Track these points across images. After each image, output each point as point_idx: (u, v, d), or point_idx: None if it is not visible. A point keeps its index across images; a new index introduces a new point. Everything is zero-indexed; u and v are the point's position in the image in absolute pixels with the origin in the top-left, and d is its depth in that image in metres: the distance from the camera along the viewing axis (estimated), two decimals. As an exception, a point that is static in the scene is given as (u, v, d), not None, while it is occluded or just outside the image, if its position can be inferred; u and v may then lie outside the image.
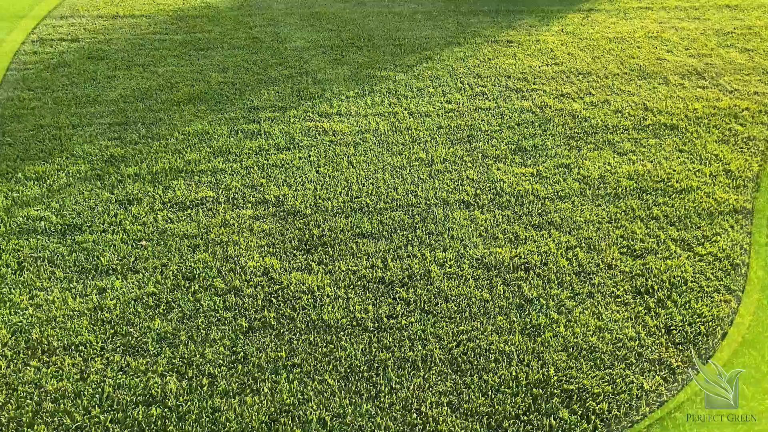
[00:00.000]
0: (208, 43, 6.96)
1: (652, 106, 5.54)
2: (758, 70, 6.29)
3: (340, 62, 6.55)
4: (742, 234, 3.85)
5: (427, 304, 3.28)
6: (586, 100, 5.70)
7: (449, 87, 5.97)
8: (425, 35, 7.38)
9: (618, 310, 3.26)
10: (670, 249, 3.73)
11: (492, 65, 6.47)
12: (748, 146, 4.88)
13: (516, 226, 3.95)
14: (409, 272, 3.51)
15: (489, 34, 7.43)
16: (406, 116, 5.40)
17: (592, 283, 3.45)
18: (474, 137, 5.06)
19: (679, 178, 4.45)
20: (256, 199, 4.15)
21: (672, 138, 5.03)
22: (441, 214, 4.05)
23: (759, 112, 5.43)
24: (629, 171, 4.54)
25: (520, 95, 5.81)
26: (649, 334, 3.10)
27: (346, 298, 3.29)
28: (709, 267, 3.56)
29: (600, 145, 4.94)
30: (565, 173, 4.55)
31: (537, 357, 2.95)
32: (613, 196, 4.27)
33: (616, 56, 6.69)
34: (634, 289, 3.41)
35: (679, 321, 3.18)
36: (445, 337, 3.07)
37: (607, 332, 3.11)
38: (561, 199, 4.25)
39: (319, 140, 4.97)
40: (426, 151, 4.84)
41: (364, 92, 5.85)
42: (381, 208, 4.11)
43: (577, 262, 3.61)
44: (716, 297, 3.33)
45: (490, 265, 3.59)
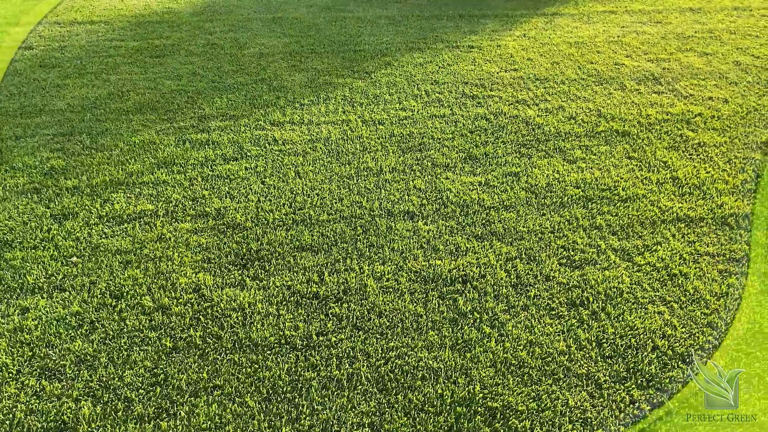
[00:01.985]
0: (165, 50, 6.86)
1: (606, 113, 5.54)
2: (715, 75, 6.33)
3: (297, 69, 6.48)
4: (683, 243, 3.85)
5: (359, 319, 3.23)
6: (541, 106, 5.69)
7: (406, 94, 5.93)
8: (386, 41, 7.34)
9: (551, 323, 3.24)
10: (610, 259, 3.72)
11: (450, 71, 6.45)
12: (698, 153, 4.90)
13: (458, 237, 3.91)
14: (345, 287, 3.46)
15: (451, 39, 7.41)
16: (359, 124, 5.36)
17: (528, 296, 3.43)
18: (426, 145, 5.03)
19: (625, 186, 4.45)
20: (196, 212, 4.07)
21: (623, 145, 5.03)
22: (384, 225, 4.01)
23: (711, 117, 5.46)
24: (577, 179, 4.53)
25: (475, 102, 5.79)
26: (580, 348, 3.07)
27: (277, 315, 3.23)
28: (646, 277, 3.56)
29: (551, 153, 4.93)
30: (512, 182, 4.52)
31: (465, 373, 2.92)
32: (558, 205, 4.26)
33: (575, 61, 6.70)
34: (569, 301, 3.39)
35: (611, 334, 3.16)
36: (374, 354, 3.02)
37: (538, 346, 3.08)
38: (506, 208, 4.22)
39: (268, 150, 4.90)
40: (376, 160, 4.80)
41: (320, 100, 5.79)
42: (324, 220, 4.06)
43: (515, 274, 3.59)
44: (650, 308, 3.32)
45: (428, 278, 3.55)
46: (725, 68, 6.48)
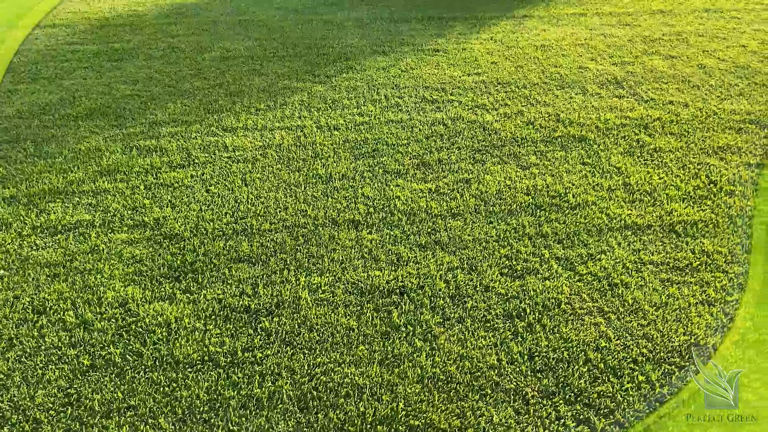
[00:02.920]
0: (124, 54, 6.75)
1: (565, 117, 5.49)
2: (677, 78, 6.29)
3: (258, 73, 6.39)
4: (628, 251, 3.80)
5: (289, 334, 3.15)
6: (501, 111, 5.63)
7: (365, 98, 5.86)
8: (351, 44, 7.26)
9: (485, 335, 3.17)
10: (552, 269, 3.66)
11: (413, 75, 6.38)
12: (653, 158, 4.85)
13: (402, 246, 3.84)
14: (279, 299, 3.38)
15: (417, 42, 7.34)
16: (314, 130, 5.27)
17: (464, 307, 3.36)
18: (379, 152, 4.95)
19: (576, 193, 4.39)
20: (134, 222, 3.98)
21: (579, 150, 4.98)
22: (327, 235, 3.93)
23: (670, 122, 5.41)
24: (528, 186, 4.47)
25: (434, 107, 5.72)
26: (511, 362, 3.01)
27: (204, 330, 3.15)
28: (587, 287, 3.50)
29: (505, 159, 4.86)
30: (463, 189, 4.46)
31: (390, 390, 2.85)
32: (507, 212, 4.20)
33: (540, 65, 6.65)
34: (506, 312, 3.33)
35: (544, 347, 3.10)
36: (300, 370, 2.94)
37: (468, 360, 3.01)
38: (454, 216, 4.15)
39: (217, 157, 4.81)
40: (326, 167, 4.72)
41: (276, 105, 5.70)
42: (266, 229, 3.97)
43: (454, 285, 3.52)
44: (586, 320, 3.26)
45: (365, 289, 3.48)
46: (689, 71, 6.45)
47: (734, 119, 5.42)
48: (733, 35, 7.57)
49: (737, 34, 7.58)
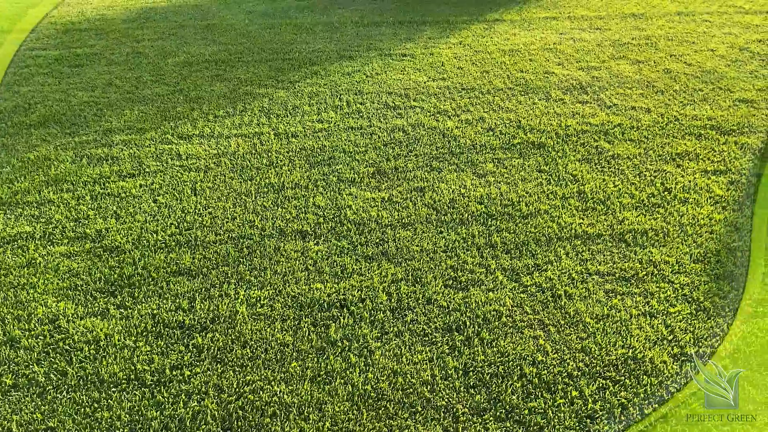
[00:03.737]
0: (86, 59, 6.67)
1: (526, 124, 5.45)
2: (642, 84, 6.27)
3: (220, 78, 6.32)
4: (575, 262, 3.76)
5: (221, 351, 3.09)
6: (462, 117, 5.59)
7: (326, 105, 5.80)
8: (319, 48, 7.21)
9: (422, 350, 3.12)
10: (497, 280, 3.61)
11: (377, 81, 6.33)
12: (610, 165, 4.82)
13: (347, 257, 3.79)
14: (215, 314, 3.31)
15: (385, 47, 7.30)
16: (271, 137, 5.21)
17: (404, 321, 3.31)
18: (336, 159, 4.90)
19: (529, 201, 4.36)
20: (76, 234, 3.90)
21: (536, 157, 4.94)
22: (272, 246, 3.87)
23: (631, 128, 5.39)
24: (482, 194, 4.43)
25: (396, 113, 5.67)
26: (445, 377, 2.96)
27: (134, 347, 3.08)
28: (530, 299, 3.46)
29: (462, 167, 4.82)
30: (416, 198, 4.41)
31: (318, 408, 2.79)
32: (458, 222, 4.15)
33: (506, 70, 6.62)
34: (446, 326, 3.28)
35: (480, 361, 3.05)
36: (228, 389, 2.88)
37: (402, 376, 2.96)
38: (404, 226, 4.10)
39: (168, 165, 4.74)
40: (280, 175, 4.66)
41: (236, 111, 5.64)
42: (210, 241, 3.91)
43: (397, 297, 3.47)
44: (526, 333, 3.22)
45: (304, 303, 3.42)
46: (654, 76, 6.43)
47: (695, 125, 5.41)
48: (702, 39, 7.57)
49: (707, 38, 7.59)
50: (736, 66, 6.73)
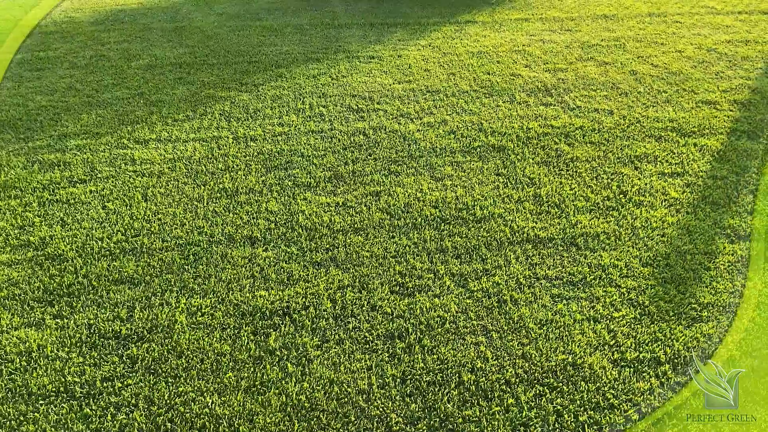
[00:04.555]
0: (48, 63, 6.58)
1: (488, 127, 5.43)
2: (607, 85, 6.27)
3: (183, 81, 6.25)
4: (524, 266, 3.73)
5: (155, 362, 3.04)
6: (425, 120, 5.56)
7: (288, 108, 5.75)
8: (286, 51, 7.15)
9: (362, 358, 3.09)
10: (445, 285, 3.58)
11: (342, 83, 6.29)
12: (568, 168, 4.80)
13: (295, 264, 3.74)
14: (153, 324, 3.26)
15: (353, 49, 7.26)
16: (229, 141, 5.16)
17: (347, 328, 3.27)
18: (293, 164, 4.85)
19: (484, 205, 4.33)
20: (19, 242, 3.83)
21: (495, 161, 4.92)
22: (219, 253, 3.82)
23: (592, 130, 5.38)
24: (437, 198, 4.40)
25: (358, 116, 5.63)
26: (382, 386, 2.93)
27: (67, 358, 3.02)
28: (475, 305, 3.43)
29: (420, 170, 4.79)
30: (371, 202, 4.37)
31: (249, 420, 2.75)
32: (411, 226, 4.12)
33: (472, 72, 6.59)
34: (388, 333, 3.24)
35: (419, 369, 3.02)
36: (159, 401, 2.83)
37: (338, 385, 2.92)
38: (356, 231, 4.06)
39: (122, 171, 4.68)
40: (234, 180, 4.60)
41: (196, 115, 5.57)
42: (156, 248, 3.85)
43: (341, 304, 3.43)
44: (468, 339, 3.19)
45: (246, 311, 3.37)
46: (620, 78, 6.43)
47: (656, 127, 5.41)
48: (671, 40, 7.59)
49: (675, 39, 7.60)
50: (702, 67, 6.74)
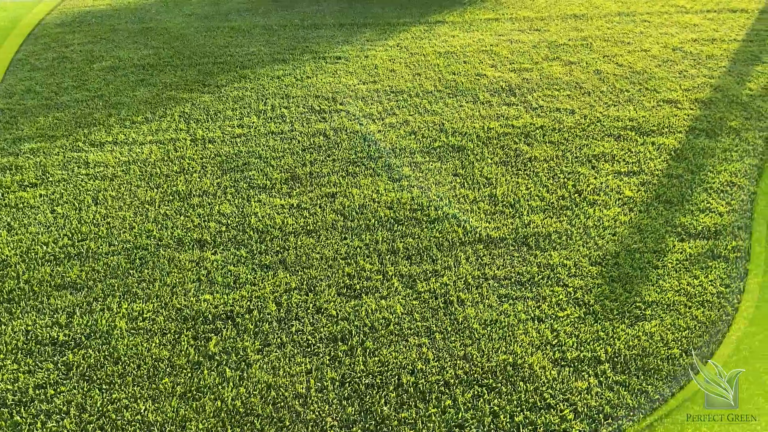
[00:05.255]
0: (8, 65, 6.49)
1: (449, 127, 5.43)
2: (571, 85, 6.29)
3: (145, 83, 6.19)
4: (474, 267, 3.73)
5: (91, 368, 2.99)
6: (387, 121, 5.54)
7: (250, 109, 5.71)
8: (252, 52, 7.11)
9: (302, 362, 3.06)
10: (393, 287, 3.56)
11: (307, 84, 6.25)
12: (525, 168, 4.81)
13: (243, 267, 3.71)
14: (92, 330, 3.21)
15: (320, 49, 7.23)
16: (187, 143, 5.11)
17: (290, 331, 3.24)
18: (250, 165, 4.81)
19: (439, 206, 4.32)
20: (-39, 248, 3.78)
21: (454, 161, 4.91)
22: (167, 256, 3.77)
23: (552, 130, 5.39)
24: (393, 199, 4.38)
25: (320, 117, 5.60)
26: (320, 390, 2.90)
27: (1, 366, 2.97)
28: (422, 306, 3.41)
29: (378, 171, 4.77)
30: (326, 204, 4.35)
31: (182, 427, 2.71)
32: (364, 228, 4.10)
33: (438, 72, 6.59)
34: (331, 335, 3.22)
35: (359, 371, 3.00)
36: (91, 408, 2.79)
37: (275, 390, 2.89)
38: (308, 233, 4.04)
39: (74, 174, 4.61)
40: (189, 182, 4.56)
41: (155, 117, 5.52)
42: (103, 252, 3.80)
43: (286, 307, 3.40)
44: (411, 341, 3.18)
45: (189, 316, 3.34)
46: (584, 77, 6.46)
47: (616, 126, 5.43)
48: (638, 39, 7.63)
49: (642, 38, 7.65)
50: (666, 66, 6.79)
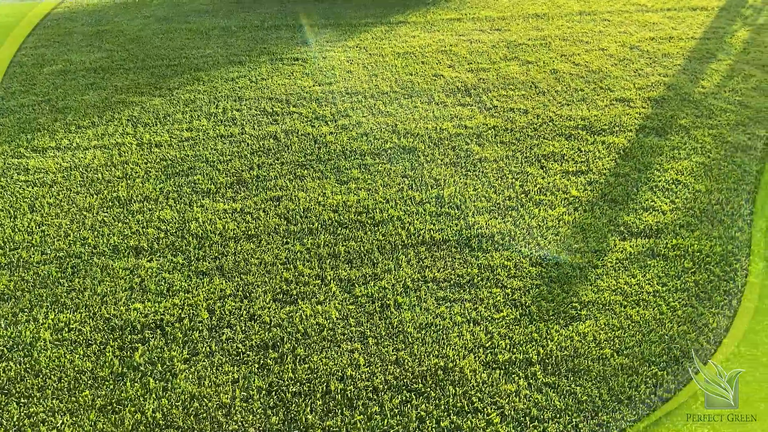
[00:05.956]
0: (-47, 69, 6.34)
1: (402, 128, 5.39)
2: (526, 84, 6.30)
3: (95, 87, 6.07)
4: (414, 269, 3.70)
5: (11, 381, 2.90)
6: (340, 122, 5.50)
7: (201, 112, 5.62)
8: (209, 53, 7.01)
9: (230, 371, 3.00)
10: (331, 291, 3.52)
11: (261, 86, 6.18)
12: (475, 169, 4.79)
13: (179, 274, 3.63)
14: (15, 341, 3.12)
15: (278, 51, 7.16)
16: (132, 147, 5.01)
17: (220, 340, 3.18)
18: (196, 169, 4.73)
19: (384, 208, 4.28)
20: None
21: (404, 162, 4.88)
22: (100, 265, 3.68)
23: (504, 130, 5.39)
24: (338, 202, 4.34)
25: (272, 119, 5.54)
26: (246, 399, 2.85)
27: None
28: (358, 310, 3.37)
29: (327, 173, 4.72)
30: (270, 207, 4.28)
31: (99, 440, 2.65)
32: (306, 232, 4.04)
33: (395, 73, 6.56)
34: (262, 343, 3.16)
35: (287, 379, 2.95)
36: (7, 423, 2.70)
37: (199, 401, 2.82)
38: (249, 238, 3.97)
39: (12, 181, 4.50)
40: (130, 188, 4.47)
41: (102, 121, 5.41)
42: (34, 261, 3.70)
43: (219, 315, 3.34)
44: (343, 346, 3.13)
45: (117, 326, 3.26)
46: (540, 77, 6.47)
47: (567, 125, 5.45)
48: (597, 38, 7.68)
49: (601, 37, 7.70)
50: (622, 65, 6.84)
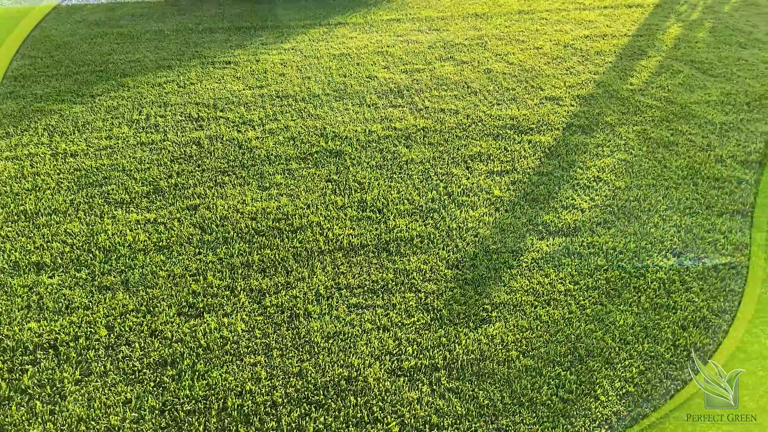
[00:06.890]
0: None
1: (330, 131, 5.32)
2: (459, 85, 6.31)
3: (13, 95, 5.81)
4: (329, 276, 3.63)
5: None
6: (267, 127, 5.39)
7: (123, 119, 5.44)
8: (137, 58, 6.80)
9: (124, 390, 2.88)
10: (240, 302, 3.42)
11: (189, 91, 6.02)
12: (401, 171, 4.75)
13: (80, 290, 3.48)
14: None
15: (210, 54, 6.99)
16: (46, 158, 4.80)
17: (116, 358, 3.05)
18: (111, 179, 4.56)
19: (305, 214, 4.21)
20: None
21: (330, 166, 4.81)
22: (-3, 283, 3.51)
23: (433, 131, 5.37)
24: (258, 209, 4.23)
25: (197, 125, 5.39)
26: (136, 420, 2.72)
27: None
28: (266, 322, 3.29)
29: (249, 180, 4.61)
30: (186, 217, 4.15)
31: (-28, 473, 2.50)
32: (222, 241, 3.93)
33: (328, 75, 6.48)
34: (161, 360, 3.05)
35: (183, 396, 2.84)
36: None
37: (86, 424, 2.69)
38: (160, 250, 3.84)
39: None
40: (38, 201, 4.27)
41: (17, 131, 5.17)
42: (-76, 282, 3.50)
43: (118, 331, 3.20)
44: (246, 360, 3.05)
45: (8, 347, 3.09)
46: (473, 77, 6.49)
47: (496, 125, 5.46)
48: (533, 37, 7.76)
49: (537, 36, 7.78)
50: (555, 63, 6.92)
